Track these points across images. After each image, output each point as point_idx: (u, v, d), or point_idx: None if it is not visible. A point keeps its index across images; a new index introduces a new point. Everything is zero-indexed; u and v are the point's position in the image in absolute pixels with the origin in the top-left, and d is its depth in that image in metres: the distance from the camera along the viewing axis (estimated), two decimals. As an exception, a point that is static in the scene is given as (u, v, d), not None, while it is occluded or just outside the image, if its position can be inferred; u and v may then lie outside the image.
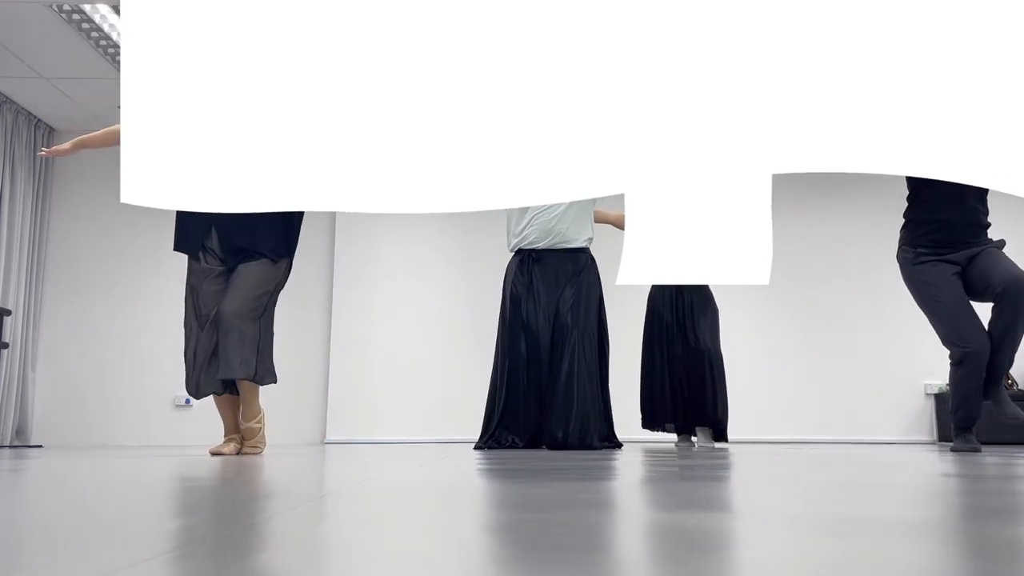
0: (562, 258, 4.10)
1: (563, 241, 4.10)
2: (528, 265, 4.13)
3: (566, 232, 4.10)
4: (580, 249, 4.14)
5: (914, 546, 0.72)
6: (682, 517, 0.95)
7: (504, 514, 1.01)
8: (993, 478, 1.68)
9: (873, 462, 2.51)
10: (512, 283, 4.16)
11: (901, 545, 0.73)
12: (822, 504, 1.14)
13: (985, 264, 3.51)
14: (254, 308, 3.46)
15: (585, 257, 4.14)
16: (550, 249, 4.11)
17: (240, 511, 1.08)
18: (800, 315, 6.87)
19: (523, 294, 4.08)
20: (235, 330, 3.38)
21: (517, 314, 4.07)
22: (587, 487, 1.42)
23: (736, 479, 1.66)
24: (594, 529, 0.84)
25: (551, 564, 0.62)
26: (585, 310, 4.02)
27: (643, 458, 2.81)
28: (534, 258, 4.13)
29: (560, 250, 4.11)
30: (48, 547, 0.75)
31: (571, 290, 4.04)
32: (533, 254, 4.14)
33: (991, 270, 3.47)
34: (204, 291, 3.50)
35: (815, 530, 0.83)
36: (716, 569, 0.60)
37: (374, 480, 1.67)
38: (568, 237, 4.10)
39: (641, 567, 0.62)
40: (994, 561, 0.65)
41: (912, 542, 0.75)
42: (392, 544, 0.76)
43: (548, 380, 3.96)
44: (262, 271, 3.49)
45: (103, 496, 1.32)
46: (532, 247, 4.13)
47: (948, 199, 3.55)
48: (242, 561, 0.65)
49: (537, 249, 4.12)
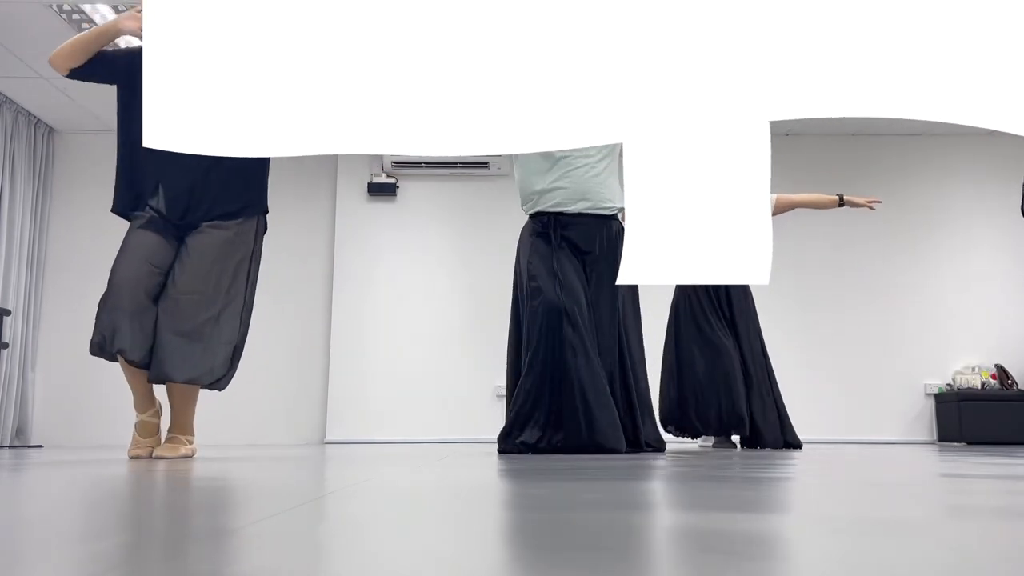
0: (592, 224, 3.50)
1: (596, 205, 3.49)
2: (554, 231, 3.50)
3: (600, 192, 3.49)
4: (611, 216, 3.55)
5: (959, 548, 0.72)
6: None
7: (504, 514, 1.01)
8: (1012, 479, 1.68)
9: (877, 461, 2.51)
10: (530, 255, 3.50)
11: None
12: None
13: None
14: (217, 286, 2.88)
15: (617, 225, 3.55)
16: (580, 214, 3.49)
17: (240, 511, 1.08)
18: (800, 316, 6.87)
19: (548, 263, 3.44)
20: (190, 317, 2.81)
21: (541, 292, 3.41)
22: (588, 487, 1.42)
23: (747, 479, 1.66)
24: (600, 528, 0.84)
25: (551, 564, 0.62)
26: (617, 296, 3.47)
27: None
28: (562, 223, 3.50)
29: (591, 215, 3.50)
30: (48, 547, 0.75)
31: (604, 266, 3.45)
32: (561, 219, 3.50)
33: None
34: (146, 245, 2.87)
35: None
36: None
37: (374, 480, 1.67)
38: (603, 198, 3.50)
39: (659, 569, 0.62)
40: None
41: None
42: (392, 544, 0.76)
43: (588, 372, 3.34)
44: (220, 241, 2.91)
45: (101, 496, 1.32)
46: (560, 210, 3.50)
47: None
48: (242, 561, 0.65)
49: (566, 213, 3.49)
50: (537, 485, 1.47)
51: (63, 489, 1.47)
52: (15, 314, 6.40)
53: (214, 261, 2.90)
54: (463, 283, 6.93)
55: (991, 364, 6.74)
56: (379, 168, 7.11)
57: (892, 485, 1.51)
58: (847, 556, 0.67)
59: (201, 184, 2.92)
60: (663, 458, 2.83)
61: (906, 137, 7.12)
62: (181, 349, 2.81)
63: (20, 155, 6.59)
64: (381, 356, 6.82)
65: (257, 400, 6.68)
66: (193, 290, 2.85)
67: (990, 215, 7.00)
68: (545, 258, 3.47)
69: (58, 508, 1.12)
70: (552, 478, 1.67)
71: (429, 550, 0.72)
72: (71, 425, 6.68)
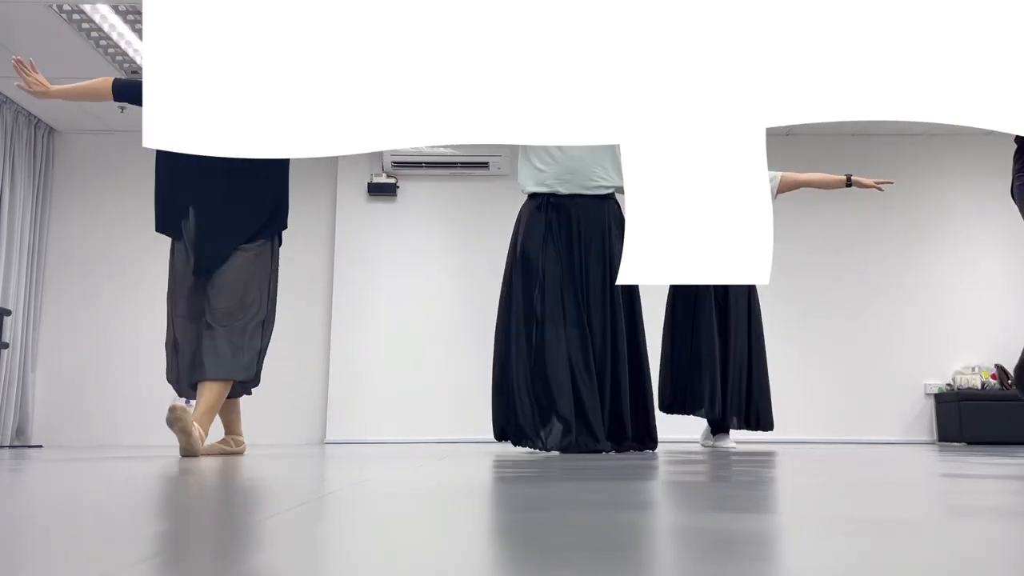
0: (587, 205, 3.61)
1: (587, 185, 3.61)
2: (546, 213, 3.62)
3: (593, 172, 3.61)
4: (607, 196, 3.66)
5: (952, 547, 0.72)
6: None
7: (505, 514, 1.01)
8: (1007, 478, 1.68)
9: (877, 461, 2.51)
10: (526, 234, 3.64)
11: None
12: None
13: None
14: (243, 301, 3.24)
15: (612, 204, 3.67)
16: (573, 195, 3.61)
17: (240, 511, 1.08)
18: (800, 315, 6.87)
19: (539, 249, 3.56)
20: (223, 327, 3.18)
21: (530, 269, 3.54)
22: (590, 487, 1.42)
23: (744, 479, 1.66)
24: (598, 529, 0.84)
25: (550, 564, 0.62)
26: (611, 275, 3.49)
27: (662, 460, 2.80)
28: (553, 204, 3.63)
29: (585, 196, 3.61)
30: (47, 547, 0.75)
31: (596, 246, 3.57)
32: (553, 200, 3.63)
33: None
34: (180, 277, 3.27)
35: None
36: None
37: (374, 480, 1.67)
38: (595, 177, 3.62)
39: (654, 566, 0.62)
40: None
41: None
42: (392, 544, 0.76)
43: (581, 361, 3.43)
44: (244, 265, 3.25)
45: (102, 496, 1.32)
46: (553, 191, 3.62)
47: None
48: (242, 561, 0.65)
49: (558, 194, 3.62)
50: (536, 485, 1.47)
51: (62, 489, 1.47)
52: (15, 314, 6.40)
53: (239, 283, 3.25)
54: (463, 283, 6.93)
55: (991, 364, 6.74)
56: (379, 168, 7.10)
57: (892, 485, 1.51)
58: (845, 556, 0.67)
59: (227, 210, 3.22)
60: (654, 458, 2.83)
61: (906, 137, 7.12)
62: (215, 353, 3.16)
63: (20, 155, 6.59)
64: (381, 356, 6.81)
65: (257, 400, 6.67)
66: (225, 311, 3.22)
67: (990, 215, 6.99)
68: (536, 233, 3.61)
69: (58, 508, 1.12)
70: (551, 478, 1.67)
71: (429, 550, 0.72)
72: (71, 425, 6.68)
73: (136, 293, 6.87)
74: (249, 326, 3.24)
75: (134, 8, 5.15)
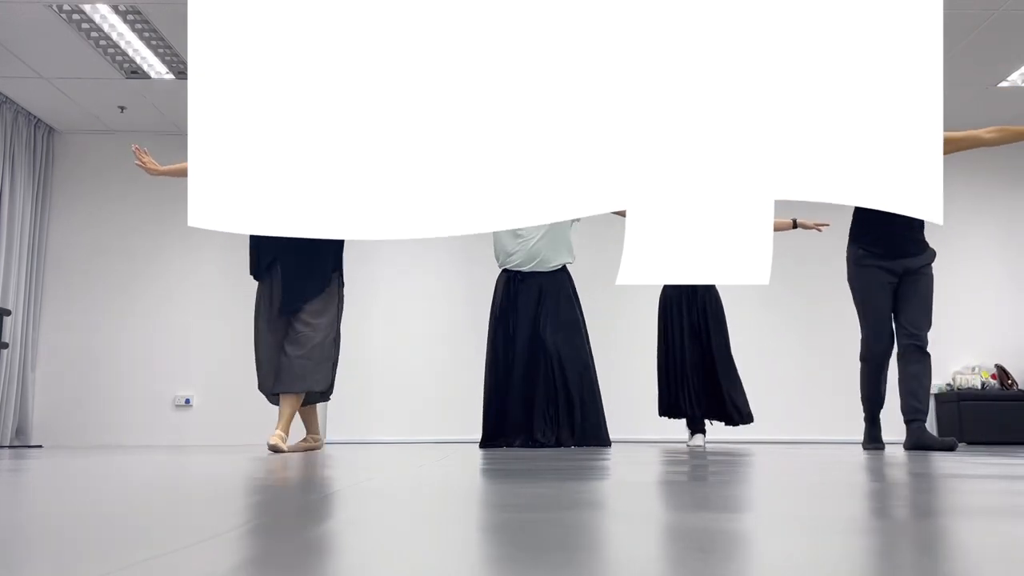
0: (542, 277, 4.85)
1: (543, 264, 4.83)
2: (514, 284, 4.86)
3: (547, 256, 4.82)
4: (559, 269, 4.88)
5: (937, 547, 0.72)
6: (695, 519, 0.95)
7: (504, 514, 1.01)
8: (995, 478, 1.68)
9: (876, 461, 2.51)
10: (501, 299, 4.89)
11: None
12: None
13: (908, 293, 4.12)
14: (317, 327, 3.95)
15: (562, 275, 4.87)
16: (532, 272, 4.85)
17: (239, 511, 1.08)
18: (799, 315, 6.87)
19: (508, 309, 4.81)
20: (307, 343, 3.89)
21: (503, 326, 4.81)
22: (585, 487, 1.42)
23: (731, 478, 1.66)
24: (591, 529, 0.84)
25: (550, 564, 0.62)
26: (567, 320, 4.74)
27: (644, 457, 2.81)
28: (519, 278, 4.86)
29: (540, 272, 4.84)
30: (48, 547, 0.75)
31: (551, 302, 4.77)
32: (518, 275, 4.87)
33: (907, 308, 4.12)
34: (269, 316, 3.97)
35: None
36: (726, 569, 0.60)
37: (374, 480, 1.67)
38: (547, 259, 4.81)
39: (636, 566, 0.62)
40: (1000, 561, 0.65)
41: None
42: (392, 544, 0.76)
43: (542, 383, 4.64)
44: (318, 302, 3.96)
45: (102, 496, 1.32)
46: (518, 268, 4.85)
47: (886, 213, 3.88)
48: (242, 561, 0.65)
49: (522, 271, 4.85)
50: (535, 485, 1.47)
51: (63, 489, 1.47)
52: (15, 314, 6.40)
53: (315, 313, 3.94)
54: (463, 283, 6.93)
55: (991, 364, 6.74)
56: (379, 168, 7.11)
57: (892, 485, 1.51)
58: (844, 556, 0.67)
59: (301, 270, 3.91)
60: (641, 457, 2.83)
61: (906, 137, 7.13)
62: (290, 369, 3.85)
63: (20, 155, 6.59)
64: (381, 356, 6.81)
65: (257, 400, 6.67)
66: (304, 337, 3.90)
67: (990, 215, 7.00)
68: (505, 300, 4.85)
69: (58, 508, 1.12)
70: (551, 478, 1.67)
71: (428, 550, 0.73)
72: (71, 425, 6.68)
73: (136, 293, 6.87)
74: (323, 345, 3.91)
75: (134, 8, 5.15)
